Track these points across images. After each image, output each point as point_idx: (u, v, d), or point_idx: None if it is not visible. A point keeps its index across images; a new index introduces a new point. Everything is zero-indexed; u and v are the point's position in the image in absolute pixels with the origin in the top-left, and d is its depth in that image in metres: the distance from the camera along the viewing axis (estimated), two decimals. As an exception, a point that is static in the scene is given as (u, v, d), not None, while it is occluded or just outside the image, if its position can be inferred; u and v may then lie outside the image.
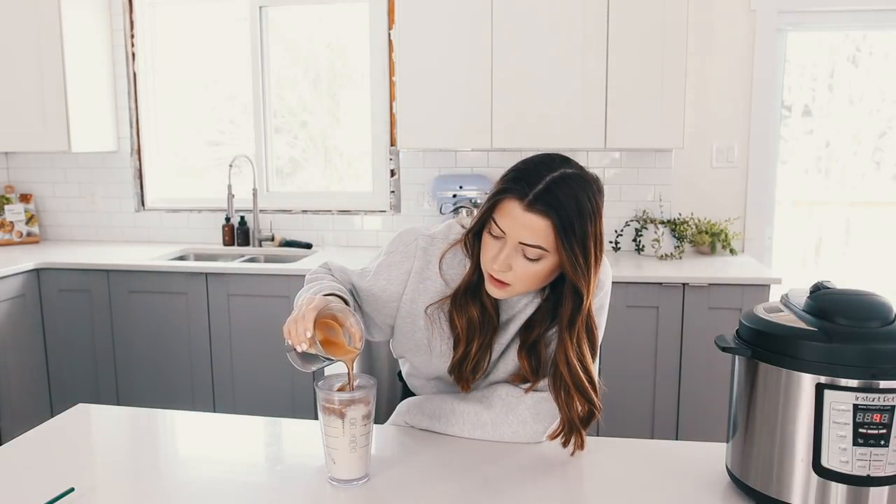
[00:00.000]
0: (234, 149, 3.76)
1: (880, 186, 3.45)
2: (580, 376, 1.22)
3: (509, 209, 1.14)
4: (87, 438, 1.39)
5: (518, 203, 1.13)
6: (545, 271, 1.18)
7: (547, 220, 1.12)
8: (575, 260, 1.14)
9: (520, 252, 1.16)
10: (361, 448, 1.13)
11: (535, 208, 1.12)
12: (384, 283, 1.34)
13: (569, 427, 1.24)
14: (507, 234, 1.15)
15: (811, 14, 3.22)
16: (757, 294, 2.74)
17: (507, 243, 1.16)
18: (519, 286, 1.20)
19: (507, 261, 1.16)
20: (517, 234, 1.14)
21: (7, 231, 3.71)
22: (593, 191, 1.17)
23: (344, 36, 3.67)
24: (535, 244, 1.14)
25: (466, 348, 1.29)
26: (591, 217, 1.14)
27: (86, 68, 3.49)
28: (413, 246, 1.33)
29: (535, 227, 1.13)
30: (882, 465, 0.95)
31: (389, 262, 1.35)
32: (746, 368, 1.06)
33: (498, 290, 1.21)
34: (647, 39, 2.93)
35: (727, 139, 3.30)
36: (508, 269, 1.17)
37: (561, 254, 1.14)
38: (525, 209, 1.13)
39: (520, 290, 1.22)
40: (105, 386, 3.22)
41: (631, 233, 3.33)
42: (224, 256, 3.53)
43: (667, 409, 2.87)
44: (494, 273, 1.19)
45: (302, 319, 1.10)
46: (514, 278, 1.18)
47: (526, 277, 1.18)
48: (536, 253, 1.15)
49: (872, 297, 1.02)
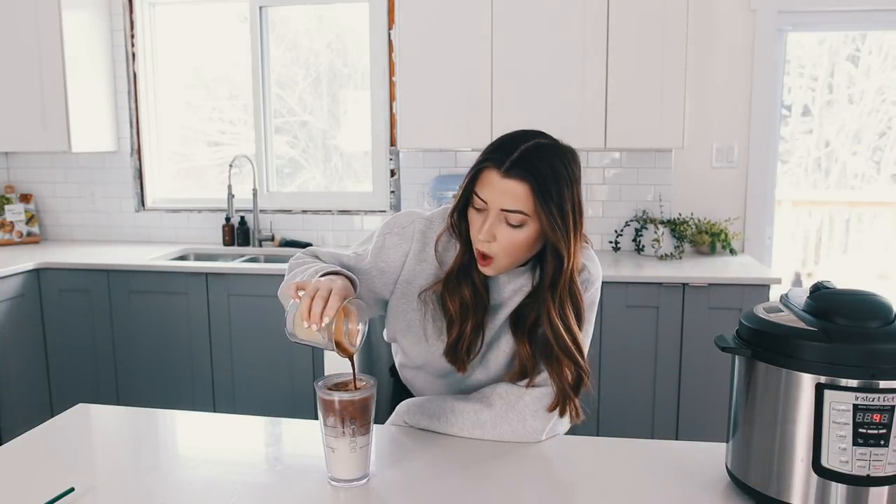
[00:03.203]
0: (234, 149, 3.76)
1: (880, 186, 3.45)
2: (565, 340, 1.24)
3: (489, 179, 1.19)
4: (87, 438, 1.39)
5: (496, 171, 1.18)
6: (528, 239, 1.21)
7: (525, 185, 1.17)
8: (554, 222, 1.18)
9: (502, 220, 1.20)
10: (361, 448, 1.12)
11: (512, 174, 1.17)
12: (382, 265, 1.35)
13: (562, 396, 1.27)
14: (488, 203, 1.20)
15: (811, 14, 3.22)
16: (757, 294, 2.74)
17: (489, 213, 1.20)
18: (504, 259, 1.23)
19: (490, 230, 1.20)
20: (498, 201, 1.19)
21: (7, 231, 3.71)
22: (568, 159, 1.22)
23: (344, 36, 3.67)
24: (515, 209, 1.18)
25: (460, 329, 1.31)
26: (567, 182, 1.20)
27: (86, 68, 3.49)
28: (411, 229, 1.35)
29: (514, 192, 1.17)
30: (882, 465, 0.95)
31: (387, 244, 1.36)
32: (746, 368, 1.06)
33: (485, 266, 1.25)
34: (647, 39, 2.93)
35: (727, 139, 3.30)
36: (493, 239, 1.21)
37: (541, 217, 1.18)
38: (503, 176, 1.18)
39: (505, 264, 1.24)
40: (105, 386, 3.22)
41: (631, 233, 3.33)
42: (224, 256, 3.53)
43: (667, 409, 2.87)
44: (480, 245, 1.22)
45: (324, 299, 1.08)
46: (498, 249, 1.21)
47: (510, 247, 1.21)
48: (518, 219, 1.19)
49: (872, 297, 1.02)
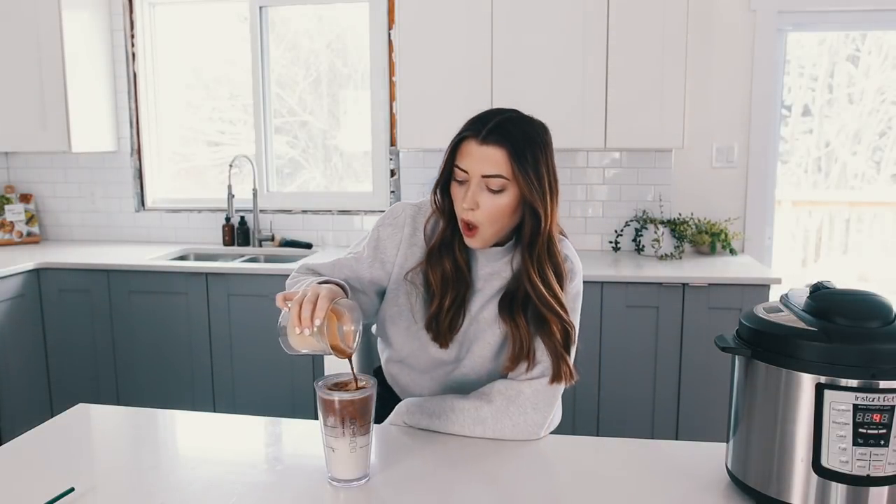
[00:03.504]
0: (234, 149, 3.76)
1: (880, 186, 3.45)
2: (546, 297, 1.30)
3: (468, 149, 1.27)
4: (87, 438, 1.39)
5: (474, 141, 1.26)
6: (510, 205, 1.28)
7: (502, 150, 1.25)
8: (531, 183, 1.25)
9: (484, 188, 1.26)
10: (361, 448, 1.12)
11: (489, 140, 1.25)
12: (382, 256, 1.41)
13: (556, 359, 1.31)
14: (469, 172, 1.27)
15: (811, 14, 3.22)
16: (757, 294, 2.74)
17: (471, 182, 1.27)
18: (488, 227, 1.28)
19: (473, 198, 1.26)
20: (478, 168, 1.26)
21: (7, 231, 3.71)
22: (539, 127, 1.31)
23: (344, 36, 3.67)
24: (495, 174, 1.25)
25: (441, 301, 1.35)
26: (540, 147, 1.28)
27: (86, 68, 3.49)
28: (402, 217, 1.42)
29: (492, 157, 1.25)
30: (882, 465, 0.95)
31: (382, 236, 1.42)
32: (746, 368, 1.06)
33: (471, 237, 1.30)
34: (647, 39, 2.93)
35: (727, 139, 3.30)
36: (476, 207, 1.27)
37: (518, 179, 1.25)
38: (480, 143, 1.26)
39: (490, 233, 1.30)
40: (105, 386, 3.22)
41: (631, 233, 3.33)
42: (224, 256, 3.53)
43: (667, 409, 2.87)
44: (465, 214, 1.28)
45: (312, 303, 1.11)
46: (482, 217, 1.27)
47: (494, 213, 1.27)
48: (498, 183, 1.25)
49: (872, 297, 1.02)
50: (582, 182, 3.39)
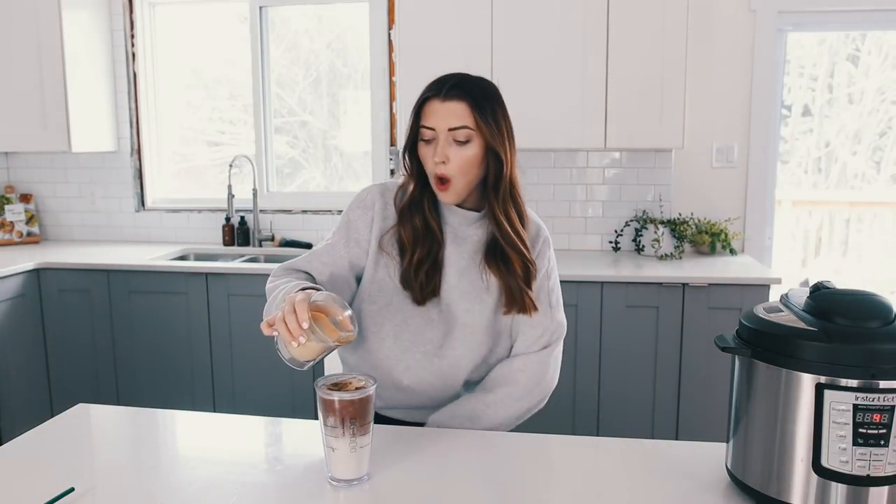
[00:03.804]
0: (234, 149, 3.76)
1: (880, 186, 3.45)
2: (511, 235, 1.40)
3: (432, 108, 1.36)
4: (87, 438, 1.39)
5: (437, 99, 1.36)
6: (477, 155, 1.37)
7: (463, 103, 1.35)
8: (493, 130, 1.36)
9: (451, 141, 1.35)
10: (361, 448, 1.13)
11: (450, 96, 1.35)
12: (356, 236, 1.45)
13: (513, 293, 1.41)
14: (436, 128, 1.35)
15: (811, 14, 3.22)
16: (757, 294, 2.74)
17: (439, 138, 1.36)
18: (459, 178, 1.37)
19: (443, 151, 1.35)
20: (444, 122, 1.35)
21: (7, 231, 3.71)
22: (493, 86, 1.41)
23: (344, 36, 3.67)
24: (460, 125, 1.35)
25: (412, 256, 1.40)
26: (497, 100, 1.39)
27: (86, 68, 3.49)
28: (370, 198, 1.47)
29: (455, 110, 1.35)
30: (882, 465, 0.95)
31: (352, 218, 1.47)
32: (746, 368, 1.06)
33: (444, 191, 1.38)
34: (647, 39, 2.93)
35: (727, 139, 3.30)
36: (447, 160, 1.35)
37: (481, 128, 1.35)
38: (443, 100, 1.36)
39: (461, 185, 1.38)
40: (105, 386, 3.22)
41: (631, 233, 3.33)
42: (224, 256, 3.53)
43: (667, 409, 2.87)
44: (437, 168, 1.36)
45: (293, 313, 1.12)
46: (454, 169, 1.36)
47: (463, 164, 1.36)
48: (464, 134, 1.35)
49: (872, 297, 1.02)
50: (582, 182, 3.39)
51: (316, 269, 1.45)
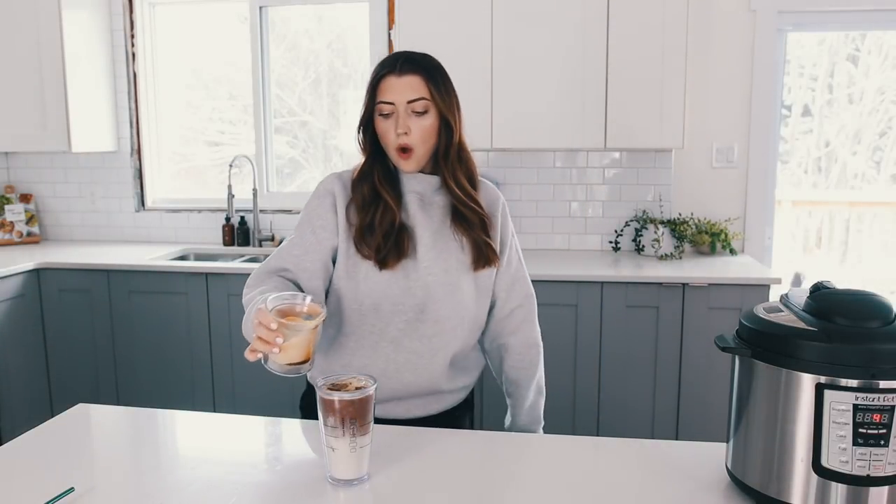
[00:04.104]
0: (234, 149, 3.76)
1: (880, 186, 3.45)
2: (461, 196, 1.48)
3: (388, 84, 1.44)
4: (87, 438, 1.39)
5: (393, 75, 1.44)
6: (433, 124, 1.45)
7: (418, 76, 1.44)
8: (446, 100, 1.46)
9: (410, 113, 1.43)
10: (361, 448, 1.13)
11: (406, 70, 1.44)
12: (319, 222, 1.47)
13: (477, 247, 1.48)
14: (395, 102, 1.43)
15: (811, 14, 3.22)
16: (757, 294, 2.74)
17: (398, 112, 1.43)
18: (420, 146, 1.45)
19: (405, 123, 1.43)
20: (402, 95, 1.43)
21: (7, 231, 3.71)
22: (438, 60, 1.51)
23: (344, 36, 3.67)
24: (418, 97, 1.43)
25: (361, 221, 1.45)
26: (445, 73, 1.50)
27: (86, 68, 3.49)
28: (327, 186, 1.51)
29: (412, 84, 1.43)
30: (882, 465, 0.95)
31: (311, 206, 1.50)
32: (746, 368, 1.06)
33: (407, 161, 1.45)
34: (646, 39, 2.93)
35: (727, 139, 3.30)
36: (409, 130, 1.43)
37: (436, 98, 1.44)
38: (399, 75, 1.43)
39: (422, 152, 1.46)
40: (105, 386, 3.22)
41: (631, 233, 3.33)
42: (224, 256, 3.53)
43: (667, 409, 2.87)
44: (400, 139, 1.43)
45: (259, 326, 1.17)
46: (415, 139, 1.43)
47: (423, 133, 1.44)
48: (422, 105, 1.43)
49: (872, 297, 1.02)
50: (582, 182, 3.39)
51: (291, 263, 1.45)
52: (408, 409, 1.50)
